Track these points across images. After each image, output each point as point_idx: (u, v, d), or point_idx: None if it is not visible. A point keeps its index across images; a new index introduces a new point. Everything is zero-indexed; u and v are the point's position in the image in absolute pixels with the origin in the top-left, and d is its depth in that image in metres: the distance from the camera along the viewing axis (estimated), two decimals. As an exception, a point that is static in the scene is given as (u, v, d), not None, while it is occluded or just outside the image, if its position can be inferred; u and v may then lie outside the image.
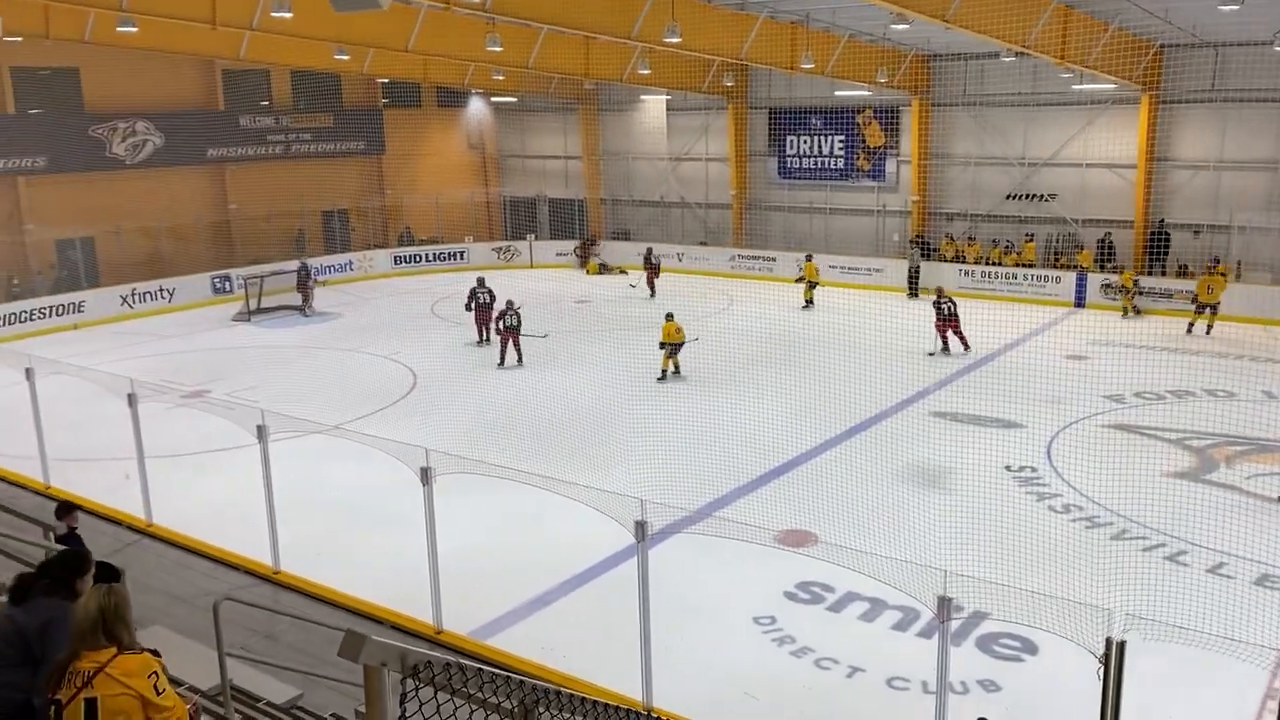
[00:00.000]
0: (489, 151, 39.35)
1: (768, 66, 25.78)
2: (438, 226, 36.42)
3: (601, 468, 13.97)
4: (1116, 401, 17.61)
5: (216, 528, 12.57)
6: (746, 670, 9.49)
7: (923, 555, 9.58)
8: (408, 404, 18.50)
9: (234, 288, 28.80)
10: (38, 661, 4.66)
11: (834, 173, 31.69)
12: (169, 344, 24.01)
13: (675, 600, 10.27)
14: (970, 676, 9.22)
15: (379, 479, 12.64)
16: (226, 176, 31.75)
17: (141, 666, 4.27)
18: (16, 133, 26.81)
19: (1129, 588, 10.16)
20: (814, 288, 27.30)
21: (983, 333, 20.73)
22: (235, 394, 18.15)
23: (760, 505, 13.07)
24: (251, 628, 9.67)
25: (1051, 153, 27.66)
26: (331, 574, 11.32)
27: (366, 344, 23.35)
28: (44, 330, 25.12)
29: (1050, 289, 26.85)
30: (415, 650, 3.43)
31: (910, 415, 17.20)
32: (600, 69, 28.35)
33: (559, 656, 9.57)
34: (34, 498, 13.43)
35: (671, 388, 18.71)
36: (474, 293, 22.96)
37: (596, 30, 21.08)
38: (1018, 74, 26.92)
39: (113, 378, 14.38)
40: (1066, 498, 13.46)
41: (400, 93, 35.91)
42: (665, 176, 35.56)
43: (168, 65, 28.38)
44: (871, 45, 26.16)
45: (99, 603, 4.30)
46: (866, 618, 10.40)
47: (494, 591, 10.99)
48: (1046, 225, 28.25)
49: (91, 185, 28.30)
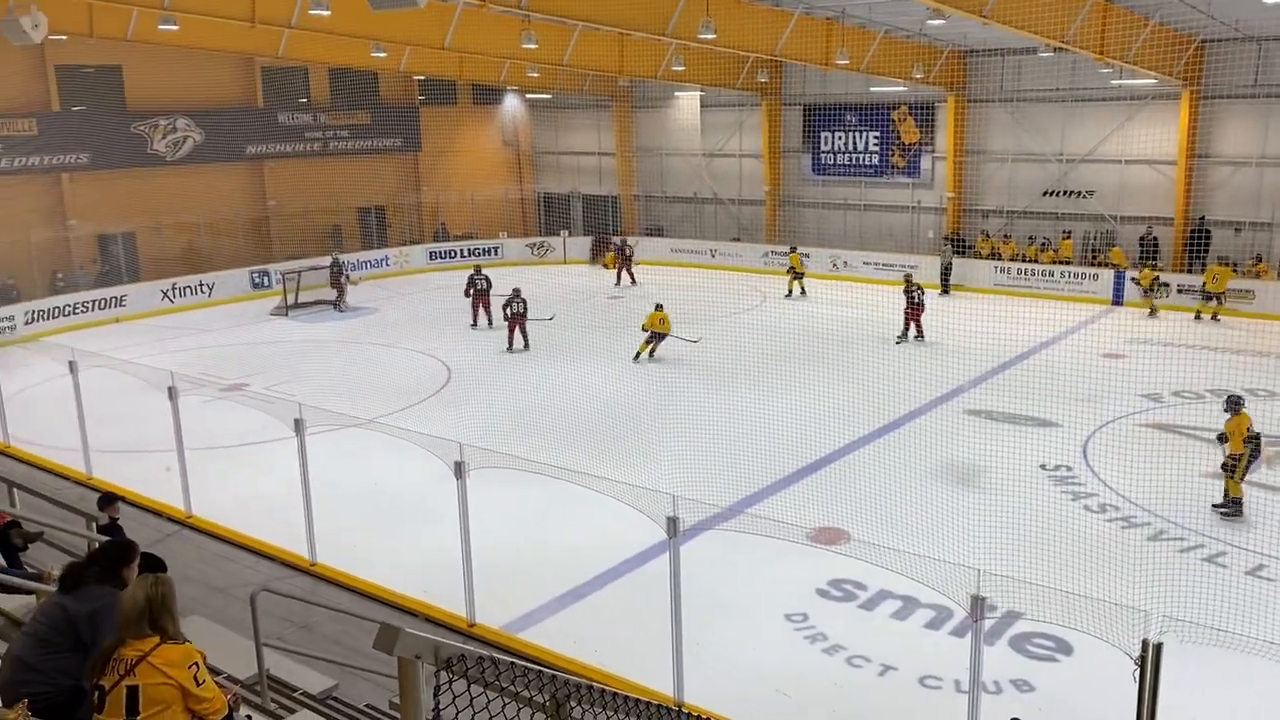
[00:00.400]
0: (523, 148, 39.49)
1: (802, 62, 25.68)
2: (472, 222, 36.63)
3: (634, 463, 14.01)
4: (1154, 400, 17.40)
5: (254, 519, 12.73)
6: (777, 667, 9.49)
7: (956, 554, 9.52)
8: (442, 398, 18.63)
9: (272, 283, 29.15)
10: (87, 648, 4.77)
11: (868, 169, 31.52)
12: (208, 338, 24.34)
13: (706, 596, 10.29)
14: (1003, 676, 9.16)
15: (414, 472, 12.76)
16: (265, 173, 32.09)
17: (183, 657, 4.35)
18: (60, 130, 27.24)
19: (1166, 589, 10.04)
20: (800, 278, 28.07)
21: (1018, 331, 20.53)
22: (273, 387, 18.36)
23: (792, 502, 13.05)
24: (288, 618, 9.80)
25: (1090, 149, 27.34)
26: (367, 566, 11.44)
27: (402, 339, 23.53)
28: (87, 324, 25.53)
29: (1087, 286, 26.55)
30: (449, 643, 3.47)
31: (945, 413, 17.09)
32: (634, 66, 28.37)
33: (590, 651, 9.62)
34: (77, 488, 13.68)
35: (706, 384, 18.67)
36: (472, 279, 24.48)
37: (631, 27, 21.09)
38: (1056, 69, 26.65)
39: (153, 371, 14.61)
40: (1102, 497, 13.32)
41: (436, 90, 36.11)
42: (699, 172, 35.52)
43: (208, 63, 28.69)
44: (907, 41, 26.00)
45: (146, 592, 4.39)
46: (899, 616, 10.36)
47: (526, 585, 11.06)
48: (1084, 222, 27.93)
49: (133, 181, 28.73)
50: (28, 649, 4.86)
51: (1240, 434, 12.45)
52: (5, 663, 4.93)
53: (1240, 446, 12.42)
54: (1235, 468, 12.47)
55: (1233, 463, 12.49)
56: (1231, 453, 12.51)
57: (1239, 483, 12.56)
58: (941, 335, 20.23)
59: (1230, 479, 12.56)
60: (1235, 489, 12.60)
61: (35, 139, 26.65)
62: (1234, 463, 12.48)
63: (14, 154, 26.31)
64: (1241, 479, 12.54)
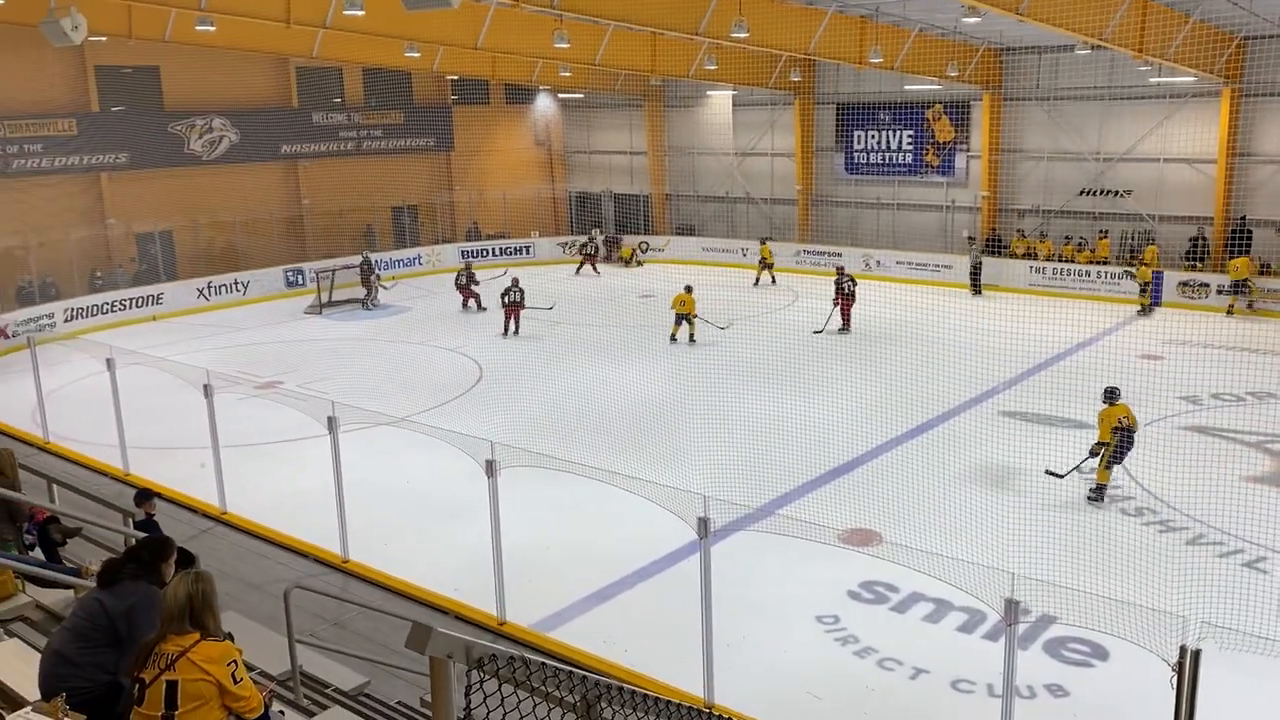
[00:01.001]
0: (555, 148, 39.57)
1: (836, 61, 25.53)
2: (504, 222, 36.76)
3: (664, 463, 13.99)
4: (1193, 403, 17.16)
5: (288, 516, 12.84)
6: (809, 669, 9.44)
7: (990, 557, 9.43)
8: (474, 397, 18.71)
9: (306, 281, 29.43)
10: (124, 643, 4.82)
11: (902, 168, 31.30)
12: (243, 336, 24.59)
13: (737, 597, 10.26)
14: (1037, 681, 9.07)
15: (445, 471, 12.81)
16: (299, 172, 32.38)
17: (222, 654, 4.40)
18: (100, 130, 27.63)
19: (1205, 594, 9.90)
20: (769, 268, 29.43)
21: (1054, 331, 20.32)
22: (306, 385, 18.51)
23: (824, 503, 12.98)
24: (321, 615, 9.87)
25: (1128, 147, 27.00)
26: (399, 564, 11.50)
27: (434, 337, 23.66)
28: (124, 322, 25.88)
29: (1125, 287, 26.19)
30: (480, 643, 3.47)
31: (978, 414, 16.94)
32: (666, 65, 28.35)
33: (620, 651, 9.61)
34: (114, 484, 13.84)
35: (736, 383, 18.61)
36: (459, 274, 26.77)
37: (663, 26, 21.07)
38: (1093, 67, 26.35)
39: (189, 368, 14.75)
40: (1140, 501, 13.14)
41: (469, 90, 36.28)
42: (730, 172, 35.44)
43: (243, 63, 28.99)
44: (942, 39, 25.79)
45: (188, 589, 4.44)
46: (932, 619, 10.28)
47: (557, 584, 11.08)
48: (1121, 222, 27.58)
49: (170, 181, 29.09)
50: (66, 643, 4.92)
51: (1109, 423, 12.98)
52: (44, 656, 4.99)
53: (1108, 435, 12.94)
54: (1100, 454, 13.01)
55: (1099, 448, 13.02)
56: (1099, 439, 13.05)
57: (1104, 469, 13.04)
58: (976, 335, 20.02)
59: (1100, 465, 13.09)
60: (1102, 476, 13.09)
61: (75, 139, 27.04)
62: (1102, 448, 12.99)
63: (55, 154, 26.71)
64: (1104, 466, 13.03)
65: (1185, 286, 25.25)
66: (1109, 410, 13.17)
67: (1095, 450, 13.09)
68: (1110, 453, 12.98)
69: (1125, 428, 12.99)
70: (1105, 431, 13.03)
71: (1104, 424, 13.10)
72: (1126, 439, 13.00)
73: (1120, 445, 12.97)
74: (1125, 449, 13.06)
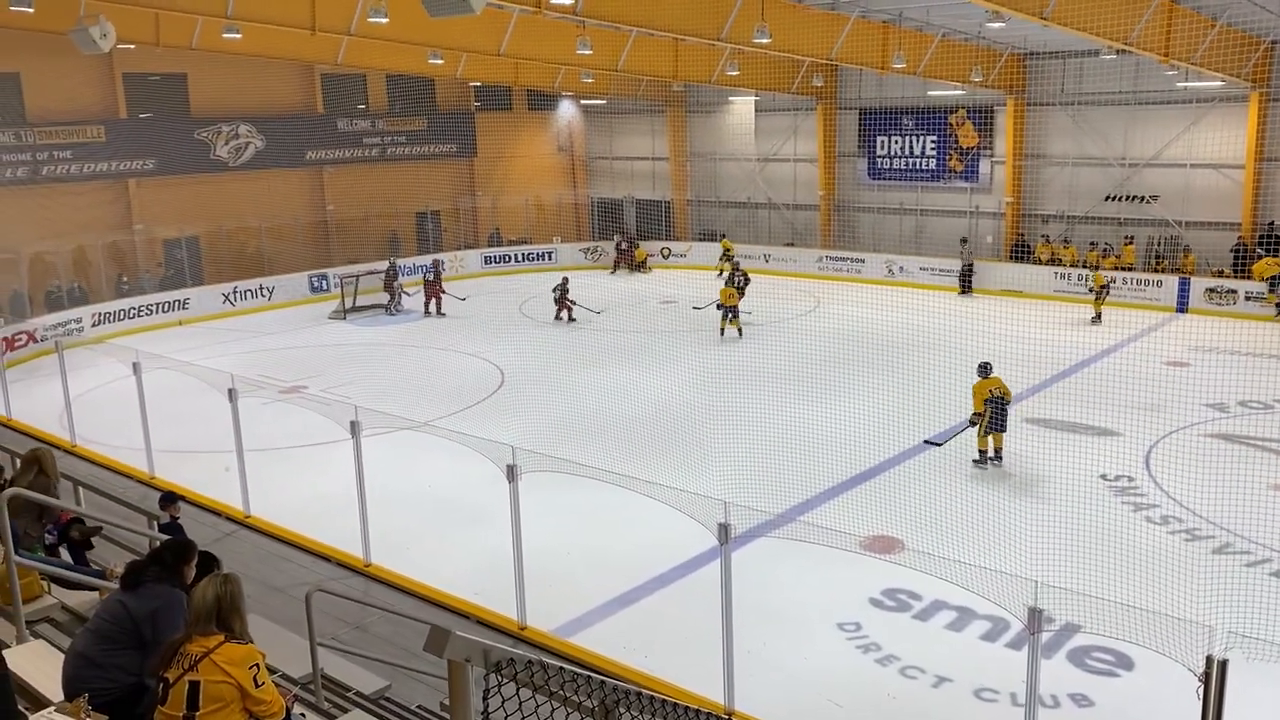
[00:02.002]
0: (577, 154, 39.66)
1: (858, 66, 25.47)
2: (527, 227, 36.87)
3: (685, 468, 13.96)
4: (1220, 410, 16.98)
5: (310, 520, 12.90)
6: (830, 677, 9.39)
7: (1013, 565, 9.35)
8: (495, 402, 18.76)
9: (330, 286, 29.61)
10: (147, 645, 4.86)
11: (925, 173, 31.18)
12: (268, 340, 24.76)
13: (758, 604, 10.23)
14: (1061, 690, 8.99)
15: (467, 475, 12.82)
16: (324, 178, 32.60)
17: (245, 657, 4.42)
18: (128, 137, 27.91)
19: (1232, 604, 9.76)
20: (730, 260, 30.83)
21: (1078, 337, 20.18)
22: (330, 390, 18.60)
23: (845, 510, 12.92)
24: (342, 618, 9.90)
25: (1154, 153, 26.78)
26: (420, 568, 11.54)
27: (457, 342, 23.74)
28: (151, 326, 26.10)
29: (1150, 293, 26.00)
30: (498, 647, 3.48)
31: (1002, 421, 16.80)
32: (689, 71, 28.37)
33: (640, 657, 9.59)
34: (139, 487, 13.95)
35: (758, 389, 18.58)
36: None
37: (686, 32, 21.08)
38: (1119, 72, 26.15)
39: (214, 373, 14.86)
40: (1165, 509, 13.02)
41: (492, 96, 36.43)
42: (752, 177, 35.40)
43: (269, 70, 29.24)
44: (965, 44, 25.67)
45: (216, 591, 4.48)
46: (954, 627, 10.21)
47: (577, 589, 11.08)
48: (1147, 227, 27.35)
49: (196, 187, 29.35)
50: (89, 644, 4.96)
51: (982, 395, 14.31)
52: (67, 658, 5.04)
53: (980, 406, 14.31)
54: (977, 424, 14.38)
55: (975, 418, 14.40)
56: (974, 411, 14.40)
57: (984, 437, 14.45)
58: (999, 342, 19.89)
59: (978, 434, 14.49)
60: (982, 442, 14.51)
61: (104, 146, 27.34)
62: (977, 419, 14.37)
63: (84, 161, 27.01)
64: (983, 434, 14.42)
65: (1212, 293, 25.00)
66: (981, 383, 14.41)
67: (973, 421, 14.43)
68: (986, 422, 14.28)
69: (998, 398, 14.26)
70: (979, 403, 14.32)
71: (977, 396, 14.39)
72: (999, 409, 14.28)
73: (995, 415, 14.24)
74: (1000, 417, 14.34)
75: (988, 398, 14.26)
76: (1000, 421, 14.35)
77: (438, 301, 27.42)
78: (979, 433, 14.45)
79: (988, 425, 14.31)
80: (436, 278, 27.73)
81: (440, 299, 27.42)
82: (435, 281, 27.57)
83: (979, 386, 14.47)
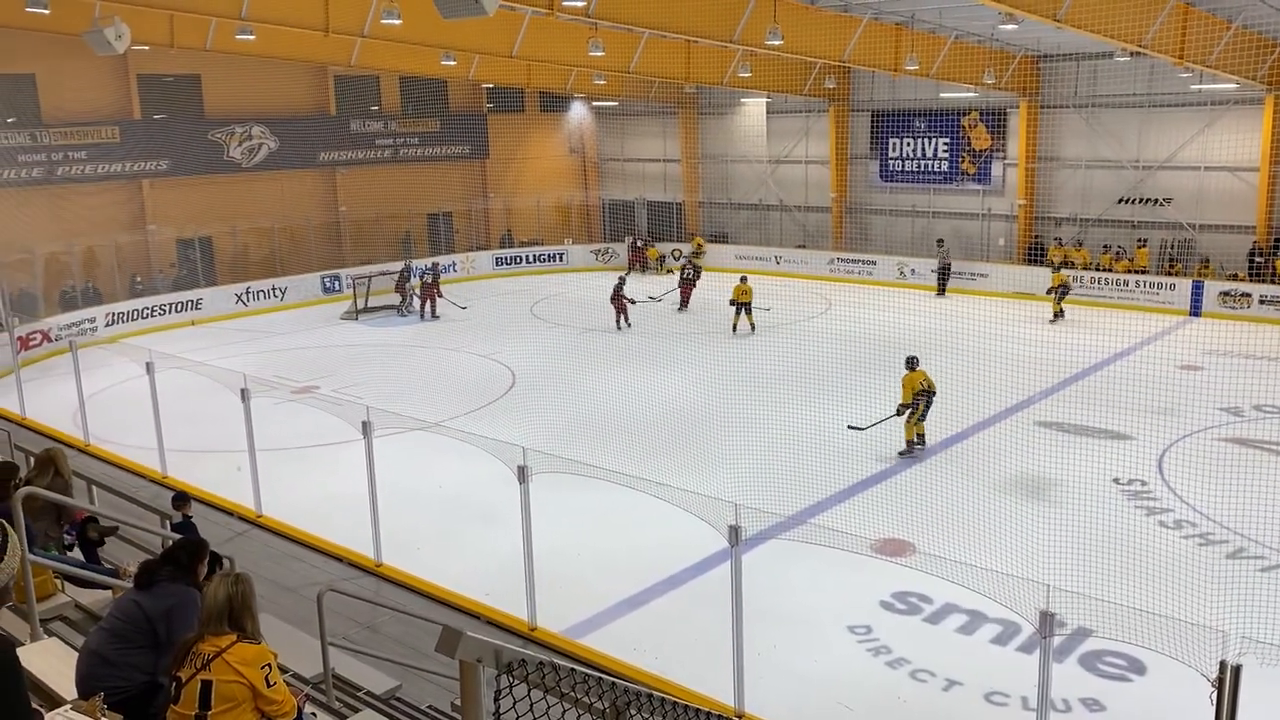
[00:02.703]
0: (589, 155, 39.70)
1: (871, 68, 25.43)
2: (538, 229, 36.92)
3: (696, 470, 13.95)
4: (1234, 414, 16.90)
5: (322, 519, 12.94)
6: (840, 679, 9.38)
7: (1025, 568, 9.32)
8: (506, 402, 18.78)
9: (343, 287, 29.70)
10: (162, 645, 4.88)
11: (938, 176, 31.11)
12: (280, 341, 24.84)
13: (768, 606, 10.22)
14: (1073, 694, 8.95)
15: (478, 476, 12.87)
16: (337, 179, 32.70)
17: (257, 656, 4.44)
18: (142, 137, 28.05)
19: (1246, 609, 9.72)
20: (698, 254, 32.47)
21: (1091, 340, 20.10)
22: (342, 390, 18.66)
23: (856, 513, 12.90)
24: (353, 618, 9.93)
25: (1168, 155, 26.66)
26: (430, 568, 11.56)
27: (468, 343, 23.78)
28: (164, 326, 26.23)
29: (1164, 296, 25.89)
30: (510, 648, 3.48)
31: (1014, 424, 16.77)
32: (701, 72, 28.37)
33: (650, 658, 9.59)
34: (152, 487, 14.02)
35: (768, 391, 18.57)
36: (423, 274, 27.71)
37: (698, 34, 21.09)
38: (1133, 74, 26.04)
39: (227, 373, 14.93)
40: (1178, 513, 12.96)
41: (504, 98, 36.50)
42: (764, 179, 35.38)
43: (282, 72, 29.33)
44: (978, 46, 25.62)
45: (228, 590, 4.49)
46: (965, 630, 10.18)
47: (587, 590, 11.08)
48: (1160, 230, 27.23)
49: (210, 187, 29.48)
50: (103, 643, 4.98)
51: (911, 387, 15.15)
52: (81, 656, 5.06)
53: (909, 398, 15.16)
54: (910, 414, 15.16)
55: (904, 409, 15.19)
56: (901, 402, 15.24)
57: (911, 426, 15.23)
58: (1012, 345, 19.84)
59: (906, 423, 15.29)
60: (909, 432, 15.29)
61: (118, 146, 27.47)
62: (906, 409, 15.17)
63: (98, 161, 27.15)
64: (913, 424, 15.22)
65: (1226, 296, 24.88)
66: (910, 376, 15.25)
67: (900, 411, 15.25)
68: (919, 413, 15.15)
69: (925, 390, 15.14)
70: (907, 395, 15.21)
71: (906, 388, 15.24)
72: (926, 400, 15.13)
73: (926, 406, 15.13)
74: (926, 409, 15.18)
75: (917, 389, 15.08)
76: (925, 412, 15.27)
77: (432, 304, 27.38)
78: (908, 422, 15.21)
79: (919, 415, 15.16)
80: (435, 281, 27.72)
81: (435, 302, 27.40)
82: (433, 285, 27.56)
83: (908, 379, 15.24)
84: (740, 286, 24.30)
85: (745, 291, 24.19)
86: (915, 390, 15.13)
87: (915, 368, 15.39)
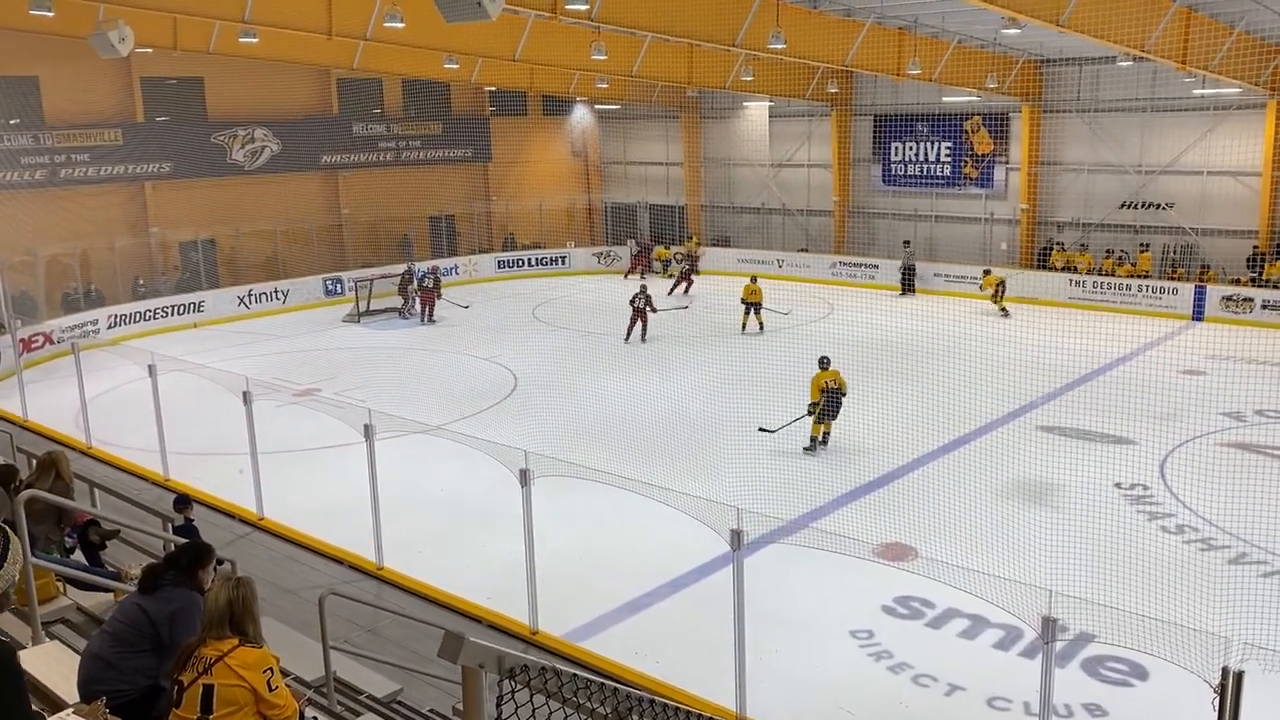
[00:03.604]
0: (591, 159, 39.72)
1: (873, 73, 25.45)
2: (540, 232, 36.94)
3: (698, 474, 13.95)
4: (1236, 419, 16.88)
5: (323, 522, 12.94)
6: (842, 684, 9.37)
7: (1027, 573, 9.30)
8: (508, 406, 18.78)
9: (345, 290, 29.71)
10: (165, 649, 4.88)
11: (940, 180, 31.11)
12: (282, 343, 24.85)
13: (769, 610, 10.21)
14: (1075, 700, 8.94)
15: (479, 479, 12.87)
16: (339, 182, 32.72)
17: (258, 660, 4.44)
18: (145, 140, 28.08)
19: (1248, 615, 9.71)
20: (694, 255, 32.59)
21: (1093, 345, 20.09)
22: (344, 393, 18.66)
23: (858, 517, 12.89)
24: (355, 622, 9.93)
25: (1170, 160, 26.66)
26: (432, 571, 11.56)
27: (469, 346, 23.79)
28: (166, 329, 26.24)
29: (1166, 301, 25.87)
30: (512, 653, 3.48)
31: (1016, 429, 16.76)
32: (703, 76, 28.38)
33: (651, 662, 9.59)
34: (154, 489, 14.03)
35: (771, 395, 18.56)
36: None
37: (701, 38, 21.10)
38: (1135, 79, 26.07)
39: (229, 375, 14.94)
40: (1180, 518, 12.94)
41: (507, 101, 36.52)
42: (766, 183, 35.38)
43: (285, 75, 29.39)
44: (981, 50, 25.63)
45: (229, 594, 4.50)
46: (967, 635, 10.17)
47: (589, 594, 11.08)
48: (1163, 235, 27.22)
49: (212, 190, 29.50)
50: (106, 647, 4.98)
51: (818, 386, 15.45)
52: (83, 659, 5.06)
53: (816, 395, 15.46)
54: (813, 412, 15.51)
55: (812, 408, 15.51)
56: (811, 400, 15.54)
57: (817, 424, 15.57)
58: (1014, 349, 19.82)
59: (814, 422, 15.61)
60: (815, 429, 15.64)
61: (121, 149, 27.51)
62: (813, 408, 15.50)
63: (101, 164, 27.19)
64: (818, 421, 15.56)
65: (1229, 301, 24.86)
66: (819, 375, 15.54)
67: (810, 410, 15.53)
68: (820, 410, 15.42)
69: (834, 390, 15.41)
70: (815, 393, 15.47)
71: (814, 387, 15.51)
72: (834, 399, 15.42)
73: (828, 404, 15.39)
74: (834, 407, 15.50)
75: (824, 388, 15.37)
76: (834, 410, 15.53)
77: (430, 308, 27.37)
78: (814, 420, 15.53)
79: (821, 413, 15.45)
80: (435, 285, 27.70)
81: (434, 306, 27.40)
82: (433, 289, 27.57)
83: (817, 378, 15.51)
84: (750, 286, 24.52)
85: (755, 292, 24.39)
86: (821, 389, 15.37)
87: (827, 367, 15.63)
